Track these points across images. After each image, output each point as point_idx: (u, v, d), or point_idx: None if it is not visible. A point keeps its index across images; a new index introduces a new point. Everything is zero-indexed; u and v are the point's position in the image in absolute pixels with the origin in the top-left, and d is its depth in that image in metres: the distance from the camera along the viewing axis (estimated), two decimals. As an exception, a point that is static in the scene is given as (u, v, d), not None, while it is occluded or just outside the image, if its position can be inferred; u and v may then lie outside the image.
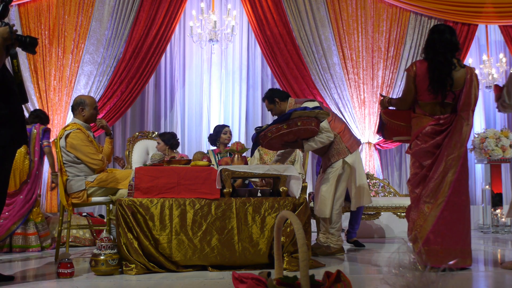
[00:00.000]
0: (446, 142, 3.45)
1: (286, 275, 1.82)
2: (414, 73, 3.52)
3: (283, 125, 3.80)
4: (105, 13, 6.63)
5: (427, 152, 3.49)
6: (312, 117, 3.80)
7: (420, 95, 3.54)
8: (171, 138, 5.36)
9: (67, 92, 6.51)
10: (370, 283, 3.17)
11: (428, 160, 3.48)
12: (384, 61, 7.06)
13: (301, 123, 3.77)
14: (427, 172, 3.48)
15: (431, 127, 3.48)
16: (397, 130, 3.77)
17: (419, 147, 3.51)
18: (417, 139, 3.53)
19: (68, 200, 4.02)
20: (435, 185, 3.42)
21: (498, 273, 3.39)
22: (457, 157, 3.42)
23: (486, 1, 7.09)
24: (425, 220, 3.40)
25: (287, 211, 1.75)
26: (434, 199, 3.41)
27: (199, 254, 3.50)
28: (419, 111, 3.56)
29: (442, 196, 3.39)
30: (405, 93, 3.60)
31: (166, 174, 3.63)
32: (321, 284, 1.81)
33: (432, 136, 3.48)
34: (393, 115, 3.78)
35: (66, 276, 3.24)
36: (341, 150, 4.30)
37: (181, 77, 7.17)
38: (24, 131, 3.19)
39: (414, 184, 3.54)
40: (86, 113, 4.18)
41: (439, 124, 3.48)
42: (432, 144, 3.47)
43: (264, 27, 6.85)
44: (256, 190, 4.17)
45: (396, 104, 3.76)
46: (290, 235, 3.53)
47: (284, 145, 4.04)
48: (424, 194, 3.45)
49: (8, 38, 2.93)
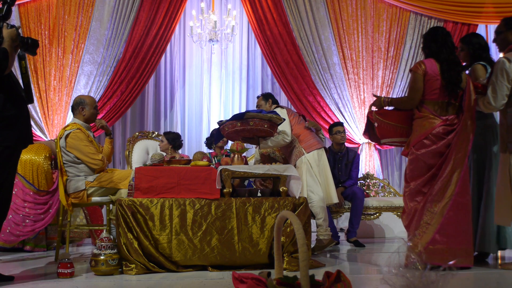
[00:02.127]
0: (455, 141, 3.45)
1: (286, 275, 1.82)
2: (424, 72, 3.50)
3: (238, 122, 3.99)
4: (105, 13, 6.63)
5: (438, 152, 3.47)
6: (265, 120, 4.00)
7: (428, 94, 3.51)
8: (175, 138, 5.35)
9: (67, 92, 6.51)
10: (370, 283, 3.17)
11: (437, 160, 3.47)
12: (384, 61, 7.05)
13: (253, 123, 3.97)
14: (436, 171, 3.46)
15: (443, 127, 3.47)
16: (391, 131, 3.73)
17: (430, 149, 3.48)
18: (426, 139, 3.49)
19: (68, 200, 4.02)
20: (443, 184, 3.42)
21: (498, 273, 3.39)
22: (463, 156, 3.44)
23: (486, 1, 7.08)
24: (432, 218, 3.41)
25: (287, 211, 1.75)
26: (442, 198, 3.41)
27: (199, 254, 3.50)
28: (427, 111, 3.53)
29: (449, 195, 3.40)
30: (414, 92, 3.54)
31: (166, 174, 3.63)
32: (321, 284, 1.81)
33: (443, 136, 3.47)
34: (387, 116, 3.74)
35: (66, 276, 3.23)
36: (299, 152, 4.51)
37: (181, 77, 7.17)
38: (29, 132, 3.20)
39: (421, 183, 3.50)
40: (86, 112, 4.18)
41: (448, 124, 3.48)
42: (443, 144, 3.46)
43: (264, 27, 6.85)
44: (256, 190, 4.18)
45: (399, 104, 3.73)
46: (290, 235, 3.53)
47: (243, 140, 4.24)
48: (431, 193, 3.44)
49: (16, 39, 2.99)
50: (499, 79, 3.41)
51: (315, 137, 4.63)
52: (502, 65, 3.42)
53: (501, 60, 3.45)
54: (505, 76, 3.40)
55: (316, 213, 4.44)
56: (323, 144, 4.69)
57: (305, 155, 4.46)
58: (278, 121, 4.10)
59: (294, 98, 6.87)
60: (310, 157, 4.46)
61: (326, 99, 6.89)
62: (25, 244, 4.71)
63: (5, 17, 3.02)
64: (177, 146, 5.37)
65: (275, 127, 4.16)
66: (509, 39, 3.60)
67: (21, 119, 3.11)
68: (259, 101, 4.97)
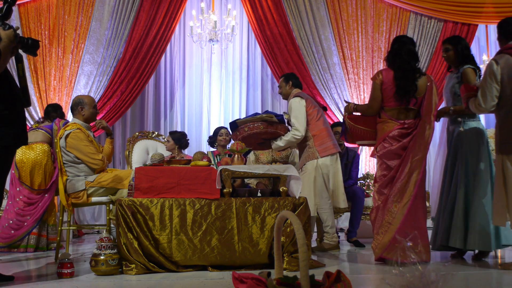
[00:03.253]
0: (411, 144, 3.68)
1: (286, 275, 1.82)
2: (381, 81, 3.75)
3: (236, 132, 4.13)
4: (105, 13, 6.63)
5: (395, 153, 3.72)
6: (257, 121, 4.03)
7: (386, 101, 3.76)
8: (181, 137, 5.32)
9: (67, 92, 6.51)
10: (370, 283, 3.17)
11: (395, 161, 3.71)
12: (384, 61, 7.04)
13: (248, 128, 4.03)
14: (394, 174, 3.70)
15: (398, 131, 3.72)
16: (361, 134, 3.98)
17: (387, 149, 3.74)
18: (384, 141, 3.76)
19: (68, 200, 4.02)
20: (401, 185, 3.65)
21: (498, 273, 3.39)
22: (421, 158, 3.66)
23: (486, 1, 7.08)
24: (393, 218, 3.63)
25: (287, 211, 1.75)
26: (401, 198, 3.63)
27: (199, 254, 3.50)
28: (385, 116, 3.78)
29: (408, 195, 3.62)
30: (372, 101, 3.82)
31: (166, 174, 3.63)
32: (321, 284, 1.81)
33: (399, 139, 3.72)
34: (356, 120, 3.99)
35: (66, 276, 3.23)
36: (311, 153, 4.43)
37: (181, 77, 7.18)
38: (24, 132, 3.19)
39: (383, 185, 3.74)
40: (86, 112, 4.18)
41: (404, 128, 3.72)
42: (399, 146, 3.72)
43: (264, 27, 6.86)
44: (256, 190, 4.18)
45: (362, 110, 3.98)
46: (290, 235, 3.53)
47: (256, 147, 4.31)
48: (391, 193, 3.67)
49: (13, 40, 2.95)
50: (488, 81, 3.50)
51: (332, 139, 4.54)
52: (490, 67, 3.50)
53: (490, 63, 3.53)
54: (493, 78, 3.48)
55: (324, 220, 4.47)
56: (339, 148, 4.61)
57: (319, 159, 4.38)
58: (271, 119, 4.07)
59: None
60: (323, 163, 4.40)
61: (326, 99, 6.89)
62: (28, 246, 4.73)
63: (4, 16, 2.99)
64: (183, 145, 5.34)
65: (278, 125, 4.11)
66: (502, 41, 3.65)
67: (18, 120, 3.09)
68: (280, 82, 4.81)
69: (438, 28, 7.16)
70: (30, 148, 4.74)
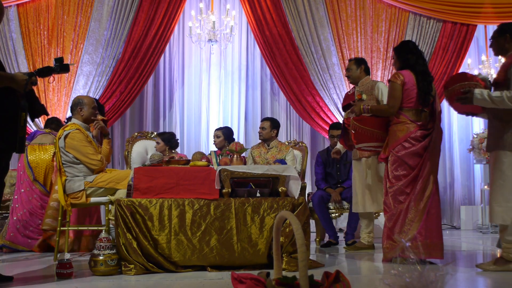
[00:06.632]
0: (431, 145, 3.76)
1: (285, 275, 1.82)
2: (402, 82, 3.80)
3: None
4: (104, 13, 6.63)
5: (417, 153, 3.75)
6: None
7: (405, 102, 3.81)
8: (170, 138, 5.34)
9: (66, 92, 6.51)
10: (370, 283, 3.17)
11: (417, 160, 3.75)
12: (383, 61, 7.05)
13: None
14: (417, 172, 3.74)
15: (421, 131, 3.78)
16: (366, 136, 3.99)
17: (410, 150, 3.76)
18: (405, 142, 3.77)
19: (66, 201, 4.01)
20: (423, 184, 3.71)
21: (497, 273, 3.39)
22: (438, 159, 3.81)
23: (485, 2, 7.08)
24: (416, 216, 3.68)
25: (286, 211, 1.75)
26: (423, 196, 3.70)
27: (198, 254, 3.50)
28: (404, 118, 3.82)
29: (428, 193, 3.70)
30: (394, 101, 3.82)
31: (165, 174, 3.63)
32: (320, 284, 1.81)
33: (420, 139, 3.77)
34: (364, 122, 3.99)
35: (65, 277, 3.23)
36: None
37: (180, 77, 7.17)
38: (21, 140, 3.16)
39: (405, 184, 3.76)
40: (85, 112, 4.18)
41: (423, 129, 3.79)
42: (421, 146, 3.75)
43: (263, 27, 6.86)
44: (255, 190, 4.17)
45: (380, 111, 3.99)
46: (289, 236, 3.53)
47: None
48: (414, 192, 3.72)
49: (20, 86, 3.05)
50: None
51: None
52: None
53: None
54: None
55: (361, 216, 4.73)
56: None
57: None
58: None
59: (293, 99, 6.87)
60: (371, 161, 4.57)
61: (325, 99, 6.89)
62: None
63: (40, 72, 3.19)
64: (173, 145, 5.35)
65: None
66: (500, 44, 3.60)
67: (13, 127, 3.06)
68: (350, 64, 4.74)
69: (437, 28, 7.16)
70: (43, 149, 4.83)
